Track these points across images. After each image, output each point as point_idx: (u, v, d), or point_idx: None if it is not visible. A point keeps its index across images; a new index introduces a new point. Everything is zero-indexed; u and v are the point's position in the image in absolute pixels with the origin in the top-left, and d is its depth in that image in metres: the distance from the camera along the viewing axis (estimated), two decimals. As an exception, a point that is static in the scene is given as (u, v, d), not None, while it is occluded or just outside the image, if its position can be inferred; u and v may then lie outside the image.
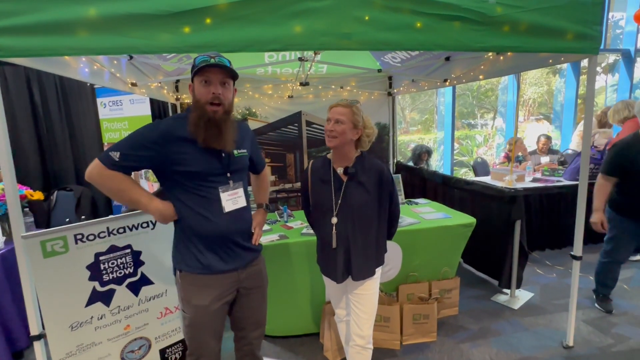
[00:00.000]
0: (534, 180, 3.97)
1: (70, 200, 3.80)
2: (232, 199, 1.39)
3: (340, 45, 1.60)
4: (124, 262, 1.76)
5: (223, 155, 1.37)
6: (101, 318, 1.71)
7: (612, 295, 2.66)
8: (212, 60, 1.30)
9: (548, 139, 4.95)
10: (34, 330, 1.54)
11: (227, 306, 1.44)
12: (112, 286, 1.73)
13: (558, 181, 3.86)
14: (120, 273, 1.75)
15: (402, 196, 3.20)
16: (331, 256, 1.61)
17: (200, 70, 1.29)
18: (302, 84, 3.79)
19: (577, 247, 2.11)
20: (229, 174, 1.38)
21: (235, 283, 1.42)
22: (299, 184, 4.92)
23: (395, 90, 4.69)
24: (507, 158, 4.88)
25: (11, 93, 4.01)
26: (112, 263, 1.72)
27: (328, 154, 1.73)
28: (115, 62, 2.54)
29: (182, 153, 1.29)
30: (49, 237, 1.53)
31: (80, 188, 3.95)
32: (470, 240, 2.57)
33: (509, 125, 6.17)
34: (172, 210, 1.34)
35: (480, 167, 5.05)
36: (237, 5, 1.45)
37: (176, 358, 2.05)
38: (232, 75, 1.36)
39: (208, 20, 1.46)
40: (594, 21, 1.85)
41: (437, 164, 7.47)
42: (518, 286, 2.85)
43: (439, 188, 3.80)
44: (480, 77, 2.97)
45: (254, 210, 1.62)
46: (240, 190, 1.42)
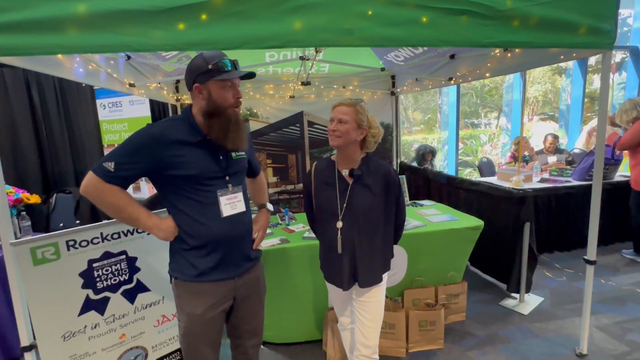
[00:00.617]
0: (542, 180, 3.88)
1: (70, 203, 3.76)
2: (231, 203, 1.32)
3: (342, 42, 1.53)
4: (119, 268, 1.69)
5: (221, 157, 1.31)
6: (95, 327, 1.65)
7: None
8: (231, 65, 1.26)
9: (555, 138, 4.85)
10: (25, 341, 1.48)
11: (224, 314, 1.38)
12: (106, 294, 1.67)
13: (567, 181, 3.76)
14: (115, 280, 1.68)
15: (406, 198, 3.13)
16: (336, 262, 1.54)
17: (224, 75, 1.24)
18: (303, 84, 3.72)
19: (591, 251, 2.02)
20: (227, 177, 1.32)
21: (232, 291, 1.36)
22: (301, 185, 4.86)
23: (398, 90, 4.62)
24: (514, 158, 4.79)
25: (10, 95, 3.97)
26: (107, 270, 1.65)
27: (332, 155, 1.65)
28: (112, 62, 2.48)
29: (178, 156, 1.22)
30: (40, 243, 1.47)
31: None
32: (476, 243, 2.48)
33: (514, 124, 6.06)
34: (173, 225, 1.28)
35: (486, 167, 4.95)
36: (233, 0, 1.38)
37: (174, 367, 1.98)
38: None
39: (203, 16, 1.39)
40: (608, 15, 1.77)
41: (441, 164, 7.37)
42: (527, 290, 2.76)
43: (444, 189, 3.71)
44: (487, 75, 2.89)
45: (254, 213, 1.56)
46: (240, 195, 1.36)
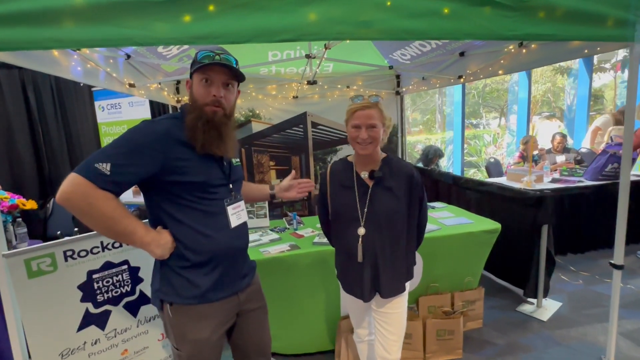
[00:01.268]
0: (553, 180, 3.78)
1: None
2: (237, 213, 1.22)
3: (359, 35, 1.43)
4: (121, 279, 1.58)
5: (225, 163, 1.20)
6: (95, 343, 1.53)
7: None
8: (216, 57, 1.12)
9: (563, 137, 4.77)
10: (19, 359, 1.37)
11: (226, 333, 1.26)
12: (107, 307, 1.55)
13: (579, 181, 3.66)
14: (116, 292, 1.57)
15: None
16: (356, 272, 1.43)
17: (202, 67, 1.12)
18: (309, 83, 3.61)
19: (618, 255, 1.92)
20: (231, 185, 1.21)
21: (236, 307, 1.25)
22: (305, 188, 4.75)
23: (403, 89, 4.52)
24: (522, 158, 4.70)
25: (6, 97, 3.86)
26: (107, 281, 1.54)
27: (349, 155, 1.55)
28: (112, 61, 2.38)
29: (182, 159, 1.09)
30: (35, 254, 1.36)
31: (78, 195, 3.78)
32: (490, 246, 2.39)
33: (520, 123, 5.96)
34: (171, 240, 1.11)
35: (494, 168, 4.85)
36: (243, -10, 1.28)
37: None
38: (237, 76, 1.18)
39: (211, 8, 1.29)
40: (637, 6, 1.67)
41: (446, 164, 7.28)
42: (545, 295, 2.66)
43: (453, 190, 3.61)
44: (500, 72, 2.79)
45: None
46: (242, 203, 1.26)
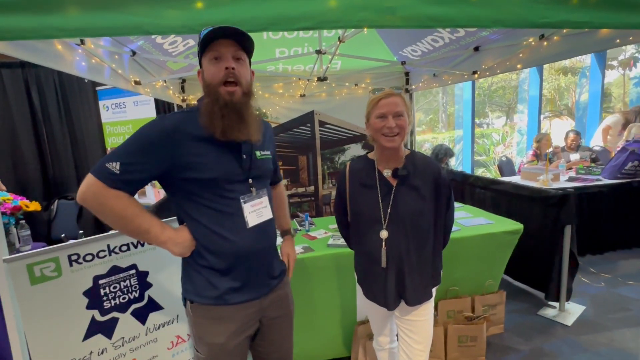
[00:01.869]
0: (570, 179, 3.67)
1: (72, 209, 3.56)
2: (256, 211, 1.12)
3: (382, 22, 1.33)
4: (128, 285, 1.49)
5: (244, 156, 1.10)
6: (102, 353, 1.44)
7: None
8: (219, 32, 1.02)
9: (577, 134, 4.64)
10: (21, 371, 1.28)
11: (248, 340, 1.18)
12: (114, 314, 1.46)
13: (597, 180, 3.54)
14: (123, 298, 1.48)
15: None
16: (379, 278, 1.33)
17: (208, 44, 1.04)
18: (320, 79, 3.52)
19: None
20: (250, 180, 1.12)
21: (258, 313, 1.16)
22: (312, 188, 4.66)
23: (413, 87, 4.41)
24: (536, 156, 4.58)
25: (9, 97, 3.80)
26: (114, 287, 1.45)
27: (369, 152, 1.45)
28: (117, 56, 2.30)
29: (194, 155, 1.02)
30: (38, 259, 1.27)
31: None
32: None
33: (531, 122, 5.84)
34: (190, 238, 1.07)
35: (506, 167, 4.74)
36: (260, -27, 1.19)
37: (189, 392, 1.78)
38: (247, 48, 1.09)
39: (225, -7, 1.19)
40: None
41: (454, 163, 7.16)
42: (567, 298, 2.55)
43: (467, 190, 3.51)
44: (518, 66, 2.69)
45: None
46: (265, 200, 1.16)
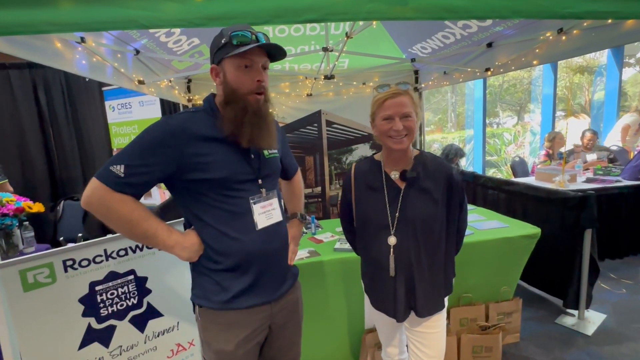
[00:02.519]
0: (588, 180, 3.52)
1: (78, 210, 3.54)
2: (266, 212, 1.07)
3: (393, 14, 1.25)
4: (126, 291, 1.43)
5: (252, 156, 1.05)
6: (99, 362, 1.39)
7: None
8: (253, 37, 0.99)
9: (594, 134, 4.47)
10: (14, 381, 1.23)
11: (259, 347, 1.12)
12: (111, 322, 1.41)
13: (617, 181, 3.39)
14: (121, 305, 1.42)
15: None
16: (387, 287, 1.24)
17: (239, 48, 0.98)
18: (327, 77, 3.44)
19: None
20: (260, 181, 1.07)
21: (268, 318, 1.10)
22: (319, 189, 4.58)
23: (423, 85, 4.31)
24: (549, 156, 4.43)
25: (17, 98, 3.80)
26: (112, 294, 1.40)
27: (376, 153, 1.37)
28: (119, 55, 2.25)
29: (202, 155, 0.98)
30: (31, 265, 1.22)
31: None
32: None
33: (545, 121, 5.67)
34: (198, 242, 1.02)
35: (519, 167, 4.59)
36: (262, -37, 1.12)
37: (191, 401, 1.71)
38: (271, 55, 1.07)
39: (225, -16, 1.13)
40: None
41: (465, 164, 7.01)
42: (587, 306, 2.42)
43: (479, 191, 3.39)
44: (534, 62, 2.57)
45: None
46: (275, 201, 1.11)
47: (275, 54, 1.05)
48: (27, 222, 2.50)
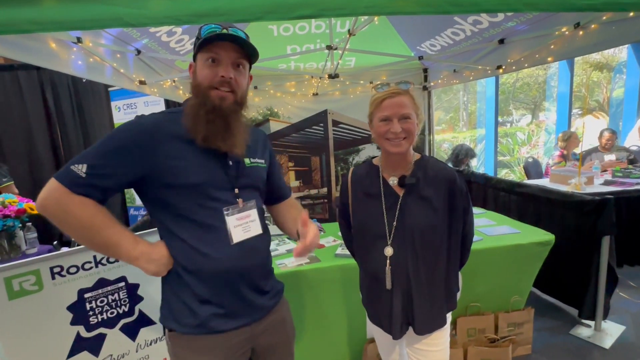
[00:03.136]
0: (606, 182, 3.35)
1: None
2: (243, 225, 0.98)
3: (393, 8, 1.16)
4: (117, 299, 1.39)
5: (230, 163, 0.97)
6: (88, 371, 1.35)
7: None
8: (223, 30, 0.93)
9: (613, 133, 4.27)
10: (1, 391, 1.20)
11: None
12: (101, 330, 1.37)
13: (637, 183, 3.22)
14: (112, 313, 1.38)
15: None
16: (384, 300, 1.17)
17: (207, 44, 0.92)
18: (330, 77, 3.37)
19: None
20: (236, 190, 0.98)
21: (249, 341, 1.01)
22: (325, 190, 4.51)
23: (432, 84, 4.19)
24: (563, 156, 4.26)
25: (25, 98, 3.84)
26: (102, 301, 1.36)
27: (374, 157, 1.29)
28: (119, 55, 2.22)
29: (175, 158, 0.90)
30: (16, 272, 1.18)
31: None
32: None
33: (560, 120, 5.47)
34: (167, 254, 0.93)
35: (533, 168, 4.43)
36: (253, -45, 1.05)
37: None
38: (249, 54, 0.98)
39: (214, -22, 1.06)
40: None
41: (476, 164, 6.83)
42: (604, 317, 2.29)
43: (489, 194, 3.27)
44: (549, 59, 2.44)
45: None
46: (254, 212, 1.01)
47: (252, 54, 0.98)
48: (29, 223, 2.50)
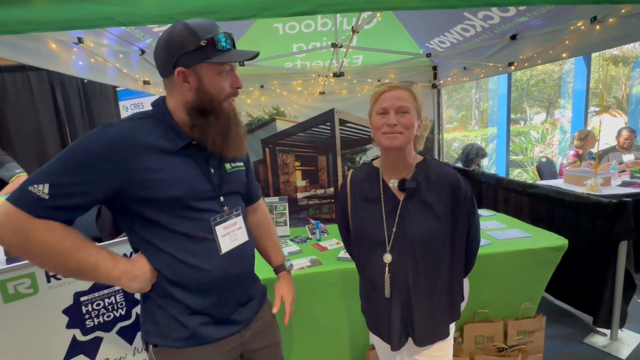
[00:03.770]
0: (624, 184, 3.21)
1: (92, 210, 3.60)
2: (230, 233, 0.94)
3: (395, 3, 1.11)
4: (113, 302, 1.38)
5: (212, 170, 0.92)
6: (85, 375, 1.34)
7: None
8: (225, 39, 0.86)
9: (632, 132, 4.09)
10: (-3, 394, 1.20)
11: None
12: (98, 333, 1.36)
13: (658, 185, 3.08)
14: (108, 316, 1.37)
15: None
16: (383, 309, 1.12)
17: (222, 56, 0.86)
18: (335, 75, 3.31)
19: None
20: (222, 198, 0.94)
21: (238, 348, 0.98)
22: (331, 189, 4.47)
23: (441, 82, 4.10)
24: (578, 156, 4.11)
25: (36, 99, 3.91)
26: (98, 304, 1.34)
27: (374, 159, 1.24)
28: (122, 55, 2.22)
29: (153, 170, 0.82)
30: (11, 275, 1.17)
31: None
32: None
33: (576, 118, 5.29)
34: (149, 269, 0.87)
35: (546, 168, 4.29)
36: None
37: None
38: None
39: (207, -25, 1.03)
40: None
41: (487, 164, 6.68)
42: (621, 325, 2.19)
43: (500, 195, 3.16)
44: (563, 55, 2.33)
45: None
46: (240, 220, 0.98)
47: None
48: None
